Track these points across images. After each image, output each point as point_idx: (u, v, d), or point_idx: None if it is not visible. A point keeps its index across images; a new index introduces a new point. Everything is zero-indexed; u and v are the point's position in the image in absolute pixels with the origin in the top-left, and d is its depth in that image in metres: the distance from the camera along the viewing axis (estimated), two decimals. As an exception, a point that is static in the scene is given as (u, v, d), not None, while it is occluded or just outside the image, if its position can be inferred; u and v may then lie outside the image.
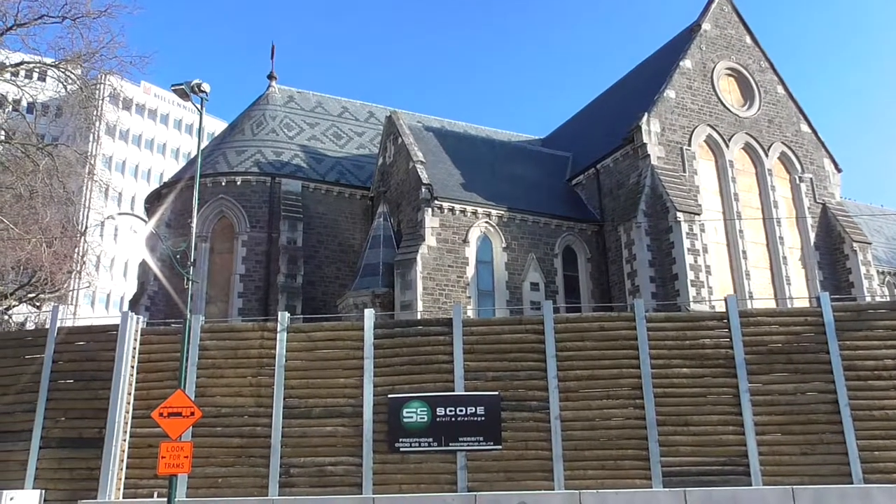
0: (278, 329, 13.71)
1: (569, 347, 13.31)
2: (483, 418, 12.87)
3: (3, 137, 26.19)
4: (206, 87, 12.76)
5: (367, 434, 12.89)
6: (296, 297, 27.67)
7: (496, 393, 13.04)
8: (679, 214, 25.16)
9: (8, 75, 25.66)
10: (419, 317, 22.38)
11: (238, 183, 29.37)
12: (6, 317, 25.06)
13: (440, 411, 12.94)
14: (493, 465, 12.70)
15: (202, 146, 15.08)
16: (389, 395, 13.14)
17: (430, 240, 25.38)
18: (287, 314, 14.20)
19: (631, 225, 26.10)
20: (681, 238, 24.92)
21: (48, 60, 25.43)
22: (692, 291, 24.27)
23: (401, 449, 12.81)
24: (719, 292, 24.71)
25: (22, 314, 28.73)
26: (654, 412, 12.74)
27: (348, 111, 37.05)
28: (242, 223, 28.89)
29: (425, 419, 12.91)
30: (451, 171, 28.36)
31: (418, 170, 26.52)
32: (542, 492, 12.25)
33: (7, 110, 29.51)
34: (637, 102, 29.33)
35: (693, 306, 23.53)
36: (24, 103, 29.23)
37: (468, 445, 12.76)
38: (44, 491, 13.02)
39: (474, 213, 26.55)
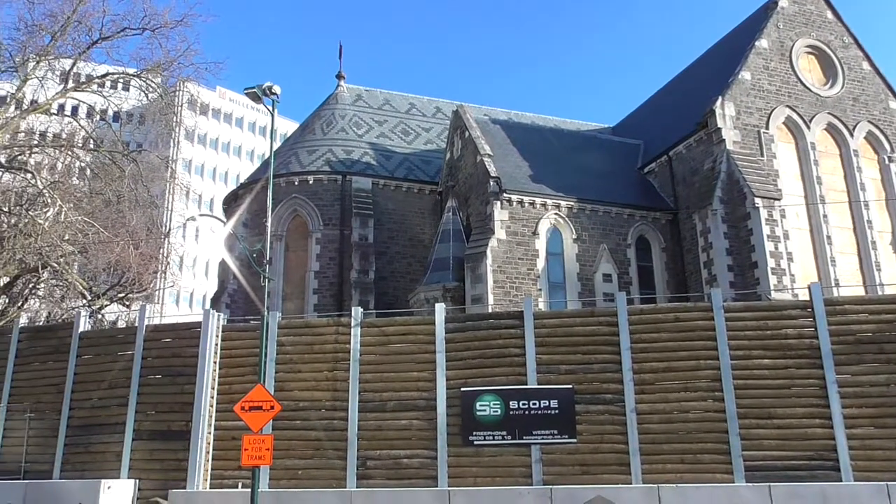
0: (352, 324, 13.97)
1: (643, 339, 13.05)
2: (557, 411, 12.79)
3: (92, 146, 27.62)
4: (277, 89, 13.10)
5: (440, 427, 13.01)
6: (368, 293, 28.11)
7: (570, 386, 12.93)
8: (757, 200, 24.27)
9: (95, 87, 27.02)
10: (490, 310, 22.38)
11: (310, 182, 30.04)
12: (99, 316, 26.39)
13: (513, 405, 12.93)
14: (568, 458, 12.61)
15: (275, 147, 15.50)
16: (462, 389, 13.21)
17: (500, 233, 25.32)
18: (360, 310, 14.46)
19: (706, 212, 25.34)
20: (760, 225, 24.04)
21: (130, 71, 26.62)
22: (773, 280, 23.39)
23: (475, 442, 12.87)
24: (802, 280, 23.73)
25: (113, 313, 30.20)
26: (734, 405, 12.37)
27: (415, 107, 37.32)
28: (315, 221, 29.54)
29: (498, 412, 12.92)
30: (519, 163, 28.21)
31: (486, 163, 26.48)
32: (620, 486, 12.08)
33: (95, 120, 31.09)
34: (710, 86, 28.42)
35: (774, 295, 22.68)
36: (110, 113, 30.74)
37: (542, 439, 12.70)
38: (137, 480, 13.72)
39: (543, 204, 26.33)
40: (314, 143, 32.36)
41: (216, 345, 14.31)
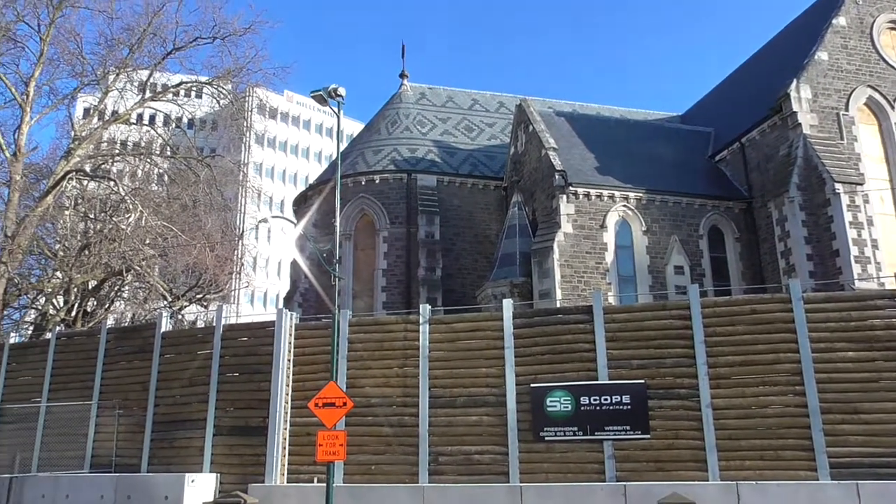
0: (421, 321, 14.09)
1: (718, 333, 12.67)
2: (629, 407, 12.57)
3: (168, 153, 28.74)
4: (342, 90, 13.32)
5: (511, 423, 12.98)
6: (436, 290, 28.30)
7: (642, 381, 12.68)
8: (837, 186, 23.22)
9: (170, 96, 28.11)
10: (558, 305, 22.19)
11: (377, 181, 30.44)
12: (179, 316, 27.50)
13: (584, 400, 12.78)
14: (641, 454, 12.38)
15: (341, 148, 15.77)
16: (531, 385, 13.14)
17: (566, 227, 25.06)
18: (428, 306, 14.56)
19: (783, 200, 24.40)
20: (841, 211, 23.00)
21: (203, 79, 27.60)
22: (856, 268, 22.35)
23: (546, 438, 12.79)
24: (889, 268, 22.59)
25: (192, 313, 31.42)
26: (816, 399, 11.87)
27: (478, 103, 37.29)
28: (382, 220, 29.93)
29: (569, 408, 12.80)
30: (584, 156, 27.83)
31: (551, 156, 26.24)
32: (696, 483, 11.78)
33: (171, 128, 32.34)
34: (784, 69, 27.35)
35: (858, 285, 21.66)
36: (184, 120, 31.91)
37: (614, 435, 12.51)
38: (219, 474, 14.23)
39: (611, 196, 25.91)
40: (380, 143, 32.77)
41: (290, 343, 14.68)
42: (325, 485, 12.09)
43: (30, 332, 27.32)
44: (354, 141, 36.12)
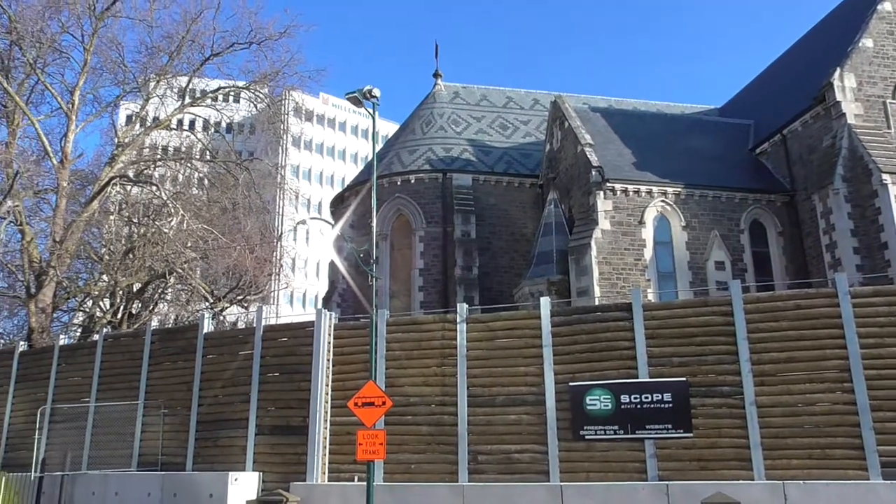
0: (458, 320, 14.09)
1: (762, 329, 12.41)
2: (671, 405, 12.39)
3: (208, 157, 29.26)
4: (376, 92, 13.39)
5: (550, 422, 12.90)
6: (473, 289, 28.28)
7: (683, 379, 12.49)
8: (885, 176, 22.54)
9: (209, 101, 28.62)
10: (596, 302, 21.98)
11: (412, 181, 30.54)
12: (220, 317, 27.97)
13: (624, 398, 12.64)
14: (684, 453, 12.19)
15: (376, 149, 15.85)
16: (570, 383, 13.04)
17: (604, 223, 24.82)
18: (465, 306, 14.55)
19: (827, 192, 23.80)
20: (889, 202, 22.33)
21: (240, 83, 28.06)
22: (906, 261, 21.68)
23: (586, 437, 12.68)
24: (940, 261, 21.86)
25: (233, 314, 31.93)
26: (866, 396, 11.53)
27: (513, 101, 37.15)
28: (418, 219, 30.01)
29: (609, 406, 12.67)
30: (621, 151, 27.53)
31: (587, 153, 26.01)
32: (741, 482, 11.56)
33: (210, 132, 32.91)
34: (826, 58, 26.67)
35: (908, 278, 21.01)
36: (223, 125, 32.45)
37: (656, 433, 12.35)
38: (261, 473, 14.45)
39: (649, 192, 25.58)
40: (414, 143, 32.87)
41: (329, 343, 14.82)
42: (365, 483, 12.18)
43: (78, 333, 28.08)
44: (390, 141, 36.30)
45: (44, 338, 22.11)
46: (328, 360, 14.71)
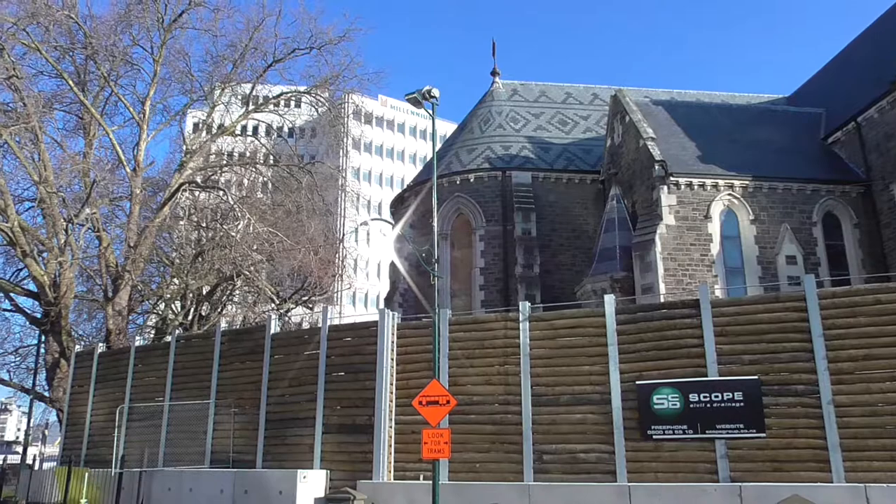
0: (520, 319, 14.01)
1: (838, 325, 11.91)
2: (742, 404, 12.02)
3: (272, 161, 29.95)
4: (436, 92, 13.44)
5: (616, 421, 12.70)
6: (534, 287, 28.09)
7: (755, 377, 12.09)
8: (971, 163, 21.36)
9: (271, 107, 29.29)
10: (662, 299, 21.51)
11: (471, 180, 30.54)
12: (286, 318, 28.61)
13: (693, 397, 12.33)
14: (757, 453, 11.80)
15: (435, 148, 15.91)
16: (637, 382, 12.81)
17: (668, 218, 24.28)
18: (527, 304, 14.46)
19: (907, 181, 22.68)
20: (975, 191, 21.15)
21: (301, 88, 28.60)
22: None
23: (653, 436, 12.43)
24: None
25: (297, 315, 32.60)
26: (953, 396, 10.94)
27: (572, 96, 36.73)
28: (478, 218, 29.98)
29: (677, 406, 12.39)
30: (685, 144, 26.87)
31: (649, 147, 25.50)
32: (818, 484, 11.11)
33: (273, 137, 33.67)
34: (904, 40, 25.40)
35: None
36: (285, 129, 33.15)
37: (727, 433, 12.00)
38: (328, 471, 14.70)
39: (715, 185, 24.89)
40: (473, 142, 32.86)
41: (392, 342, 14.96)
42: (430, 482, 12.24)
43: (151, 335, 29.16)
44: (448, 141, 36.38)
45: (120, 339, 23.04)
46: (392, 359, 14.85)
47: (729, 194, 24.92)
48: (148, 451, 16.89)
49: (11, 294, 25.50)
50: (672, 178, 24.56)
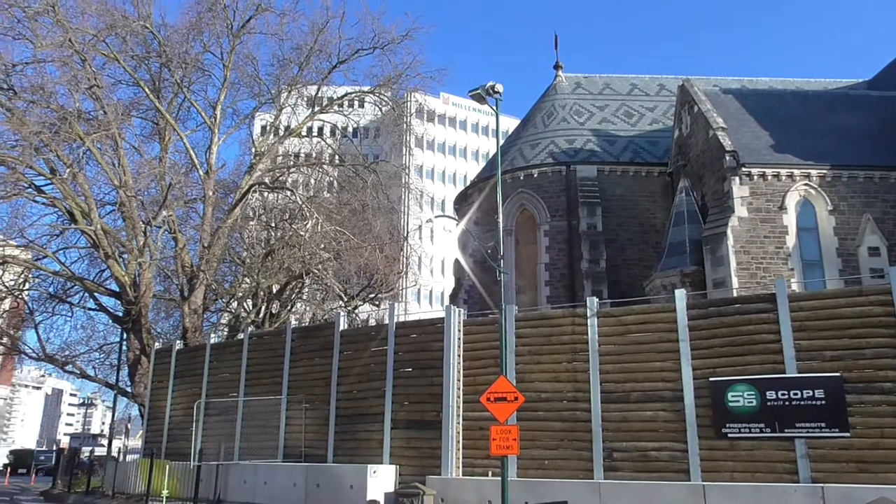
0: (588, 314, 13.82)
1: (928, 319, 11.29)
2: (823, 402, 11.55)
3: (337, 161, 30.45)
4: (499, 87, 13.37)
5: (689, 419, 12.39)
6: (601, 282, 27.67)
7: (837, 374, 11.59)
8: None
9: (336, 107, 29.78)
10: (735, 294, 20.87)
11: (535, 175, 30.30)
12: (353, 315, 29.05)
13: (770, 395, 11.91)
14: (840, 454, 11.32)
15: (499, 144, 15.84)
16: (710, 379, 12.47)
17: (740, 210, 23.52)
18: (595, 299, 14.25)
19: None
20: None
21: (365, 88, 28.96)
22: None
23: (728, 435, 12.07)
24: None
25: (365, 312, 33.06)
26: None
27: (637, 87, 36.00)
28: (542, 214, 29.73)
29: (753, 403, 11.99)
30: (757, 134, 25.97)
31: (719, 137, 24.75)
32: (909, 487, 10.58)
33: (338, 137, 34.22)
34: None
35: None
36: (349, 129, 33.64)
37: (807, 432, 11.54)
38: (398, 466, 14.86)
39: (790, 175, 23.97)
40: (536, 137, 32.60)
41: (459, 339, 15.00)
42: (499, 478, 12.22)
43: (225, 333, 30.08)
44: (511, 136, 36.18)
45: (196, 337, 23.86)
46: (459, 355, 14.89)
47: (805, 184, 23.96)
48: (224, 445, 17.45)
49: (96, 294, 26.74)
50: (744, 169, 23.77)
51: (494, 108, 13.72)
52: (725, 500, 11.41)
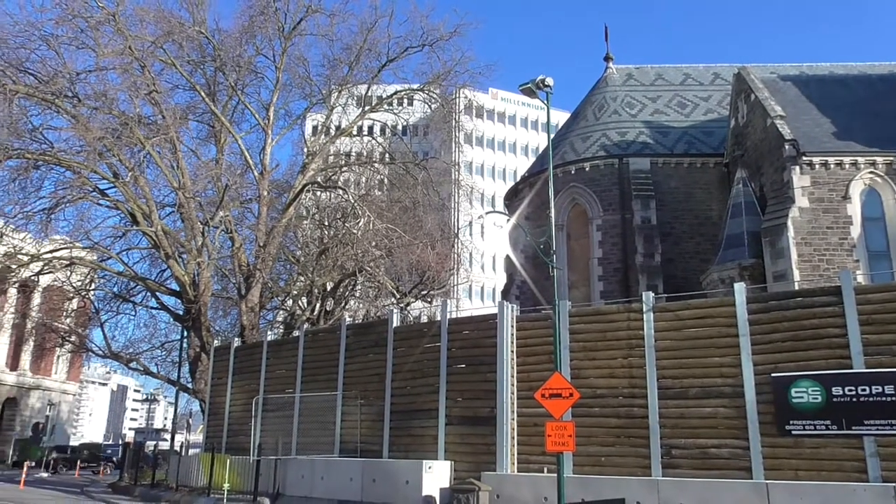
0: (644, 309, 13.60)
1: None
2: (893, 399, 11.10)
3: (388, 160, 30.68)
4: (549, 81, 13.26)
5: (750, 415, 12.08)
6: (656, 277, 27.18)
7: (909, 369, 11.13)
8: None
9: (385, 106, 30.01)
10: (796, 287, 20.24)
11: (587, 169, 29.94)
12: (406, 312, 29.26)
13: (836, 391, 11.52)
14: (913, 452, 10.87)
15: (550, 138, 15.71)
16: (772, 374, 12.12)
17: (801, 201, 22.78)
18: (651, 294, 14.03)
19: None
20: None
21: (415, 86, 29.11)
22: None
23: (792, 432, 11.71)
24: None
25: (417, 309, 33.27)
26: None
27: (690, 77, 35.20)
28: (595, 208, 29.37)
29: (818, 400, 11.61)
30: (818, 121, 25.10)
31: (778, 125, 24.01)
32: None
33: (388, 136, 34.49)
34: None
35: None
36: (399, 127, 33.87)
37: (877, 429, 11.11)
38: (452, 462, 14.90)
39: (854, 163, 23.10)
40: (587, 130, 32.21)
41: (512, 335, 14.94)
42: (555, 475, 12.14)
43: (281, 330, 30.67)
44: (561, 130, 35.82)
45: (253, 334, 24.40)
46: (512, 351, 14.84)
47: (870, 172, 23.06)
48: (282, 440, 17.79)
49: (157, 293, 27.59)
50: (805, 158, 23.01)
51: (545, 101, 13.61)
52: (790, 499, 11.07)
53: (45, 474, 34.48)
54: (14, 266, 27.21)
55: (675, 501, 11.87)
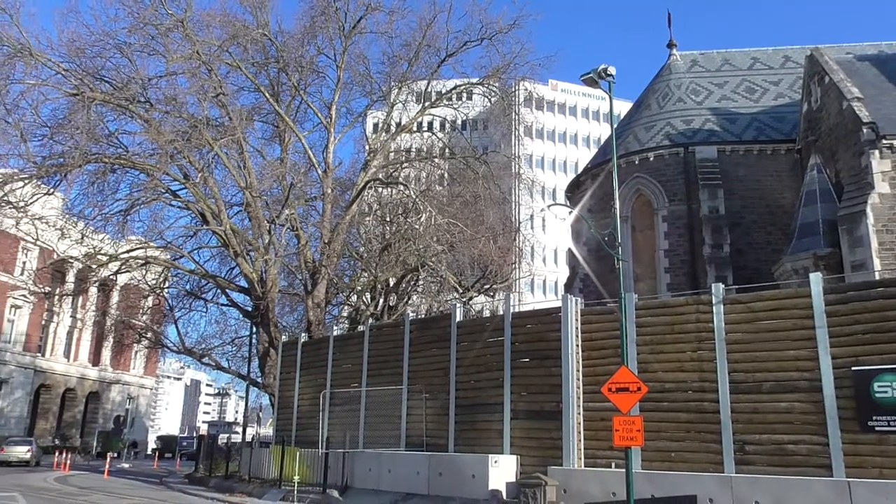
0: (713, 301, 13.22)
1: None
2: None
3: (448, 154, 30.73)
4: (612, 70, 12.99)
5: (829, 411, 11.60)
6: (725, 268, 26.40)
7: None
8: None
9: (445, 101, 30.05)
10: (877, 277, 19.33)
11: (651, 159, 29.29)
12: (469, 306, 29.30)
13: (923, 385, 10.94)
14: None
15: (613, 128, 15.43)
16: (852, 368, 11.61)
17: (881, 186, 21.70)
18: (721, 286, 13.62)
19: None
20: None
21: (474, 80, 29.06)
22: None
23: (875, 428, 11.19)
24: None
25: (480, 303, 33.26)
26: None
27: (759, 61, 33.97)
28: (660, 198, 28.71)
29: (904, 394, 11.06)
30: (899, 102, 23.85)
31: (854, 108, 22.93)
32: None
33: (447, 131, 34.53)
34: None
35: None
36: (458, 122, 33.87)
37: (968, 426, 10.52)
38: (518, 456, 14.84)
39: (938, 146, 21.87)
40: (651, 119, 31.51)
41: (576, 328, 14.76)
42: (623, 470, 11.94)
43: (346, 325, 31.16)
44: (624, 120, 35.14)
45: (319, 330, 24.85)
46: (577, 345, 14.66)
47: (957, 155, 21.80)
48: (349, 434, 18.08)
49: (227, 290, 28.41)
50: (885, 142, 21.90)
51: (608, 91, 13.34)
52: (875, 498, 10.58)
53: (126, 465, 36.05)
54: (94, 266, 28.50)
55: (750, 498, 11.50)
